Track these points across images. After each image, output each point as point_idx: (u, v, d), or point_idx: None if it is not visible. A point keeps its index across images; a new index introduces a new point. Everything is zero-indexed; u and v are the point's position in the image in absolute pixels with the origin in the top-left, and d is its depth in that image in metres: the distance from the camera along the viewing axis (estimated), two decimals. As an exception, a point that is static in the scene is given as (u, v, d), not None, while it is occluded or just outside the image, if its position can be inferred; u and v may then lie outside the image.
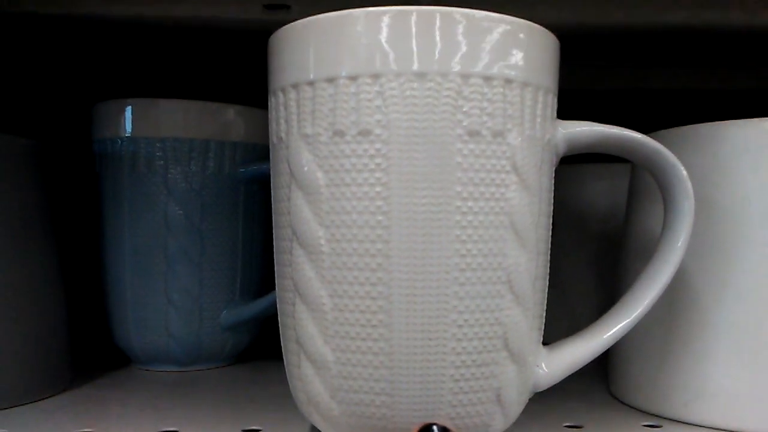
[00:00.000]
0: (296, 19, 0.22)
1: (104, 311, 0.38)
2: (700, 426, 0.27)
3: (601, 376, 0.35)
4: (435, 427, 0.15)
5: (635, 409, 0.29)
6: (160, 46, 0.40)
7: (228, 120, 0.37)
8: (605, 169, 0.41)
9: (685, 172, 0.24)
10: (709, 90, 0.44)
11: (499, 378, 0.22)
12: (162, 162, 0.35)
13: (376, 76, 0.20)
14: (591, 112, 0.31)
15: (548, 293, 0.24)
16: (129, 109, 0.36)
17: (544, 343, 0.24)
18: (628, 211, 0.32)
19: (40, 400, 0.30)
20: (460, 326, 0.21)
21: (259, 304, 0.37)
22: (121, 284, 0.36)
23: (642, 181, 0.30)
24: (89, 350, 0.40)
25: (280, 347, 0.25)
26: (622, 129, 0.24)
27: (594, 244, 0.41)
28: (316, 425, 0.23)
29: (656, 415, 0.28)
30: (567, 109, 0.26)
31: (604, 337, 0.25)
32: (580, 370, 0.25)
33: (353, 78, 0.21)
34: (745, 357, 0.26)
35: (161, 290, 0.36)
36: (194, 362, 0.37)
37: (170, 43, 0.39)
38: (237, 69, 0.43)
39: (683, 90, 0.45)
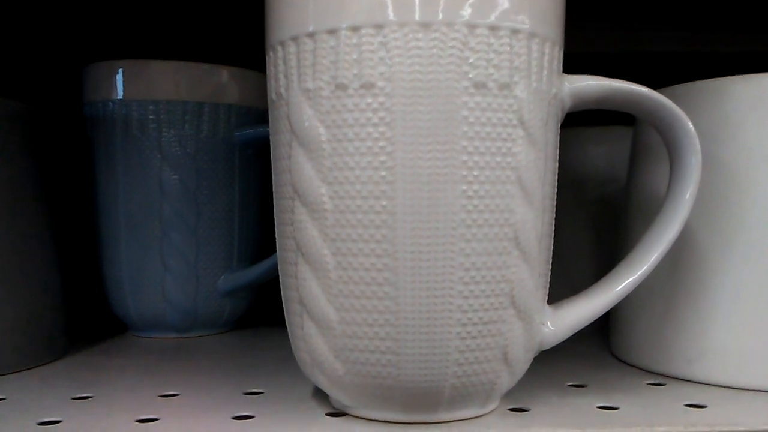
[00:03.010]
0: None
1: (100, 278, 0.38)
2: (704, 383, 0.27)
3: (602, 339, 0.35)
4: None
5: (638, 368, 0.29)
6: (152, 6, 0.39)
7: (222, 82, 0.36)
8: (604, 133, 0.40)
9: (692, 127, 0.24)
10: (712, 53, 0.44)
11: (505, 336, 0.21)
12: (155, 125, 0.35)
13: (378, 27, 0.20)
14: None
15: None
16: (120, 71, 0.35)
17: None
18: (630, 172, 0.31)
19: (36, 366, 0.30)
20: (466, 283, 0.20)
21: (257, 270, 0.37)
22: (117, 251, 0.36)
23: (645, 141, 0.30)
24: (85, 318, 0.40)
25: (279, 313, 0.24)
26: (630, 83, 0.23)
27: (592, 207, 0.41)
28: (320, 386, 0.23)
29: (659, 374, 0.28)
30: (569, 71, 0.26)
31: (610, 294, 0.24)
32: (581, 332, 0.25)
33: (355, 29, 0.20)
34: (748, 315, 0.26)
35: (157, 256, 0.35)
36: (192, 329, 0.37)
37: (162, 1, 0.38)
38: (231, 30, 0.42)
39: (686, 53, 0.45)
